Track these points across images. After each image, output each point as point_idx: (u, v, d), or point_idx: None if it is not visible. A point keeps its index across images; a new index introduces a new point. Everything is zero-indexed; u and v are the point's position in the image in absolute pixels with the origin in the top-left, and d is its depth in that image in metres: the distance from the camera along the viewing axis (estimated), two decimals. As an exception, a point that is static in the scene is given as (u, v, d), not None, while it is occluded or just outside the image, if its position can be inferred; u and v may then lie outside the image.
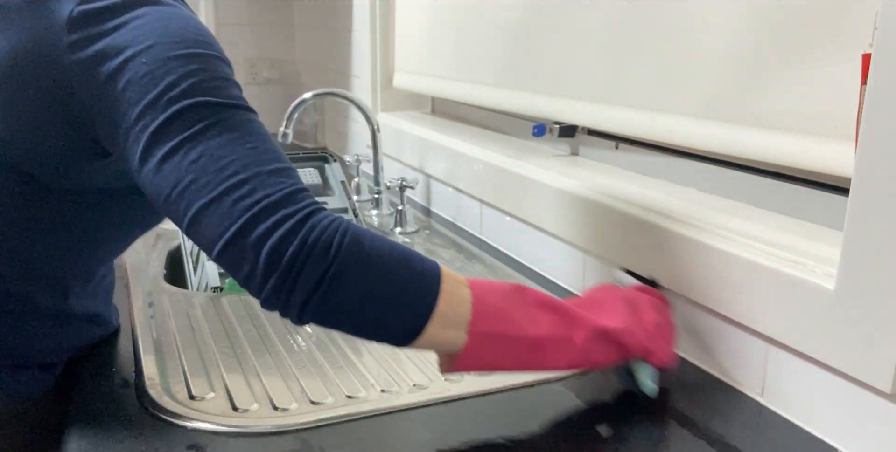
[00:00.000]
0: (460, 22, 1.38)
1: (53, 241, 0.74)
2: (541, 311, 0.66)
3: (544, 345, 0.65)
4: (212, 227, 0.60)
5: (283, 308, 0.60)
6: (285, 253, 0.58)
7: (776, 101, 0.76)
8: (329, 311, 0.60)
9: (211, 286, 1.12)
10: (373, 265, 0.60)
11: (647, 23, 0.93)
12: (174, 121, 0.62)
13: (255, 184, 0.60)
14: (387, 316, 0.61)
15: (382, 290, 0.60)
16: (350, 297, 0.60)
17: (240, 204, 0.60)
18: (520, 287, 0.67)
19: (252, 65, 2.40)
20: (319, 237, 0.59)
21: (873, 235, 0.58)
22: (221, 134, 0.62)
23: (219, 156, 0.61)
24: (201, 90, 0.63)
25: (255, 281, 0.59)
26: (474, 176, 1.24)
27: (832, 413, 0.66)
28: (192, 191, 0.61)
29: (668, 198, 0.92)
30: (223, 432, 0.67)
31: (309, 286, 0.58)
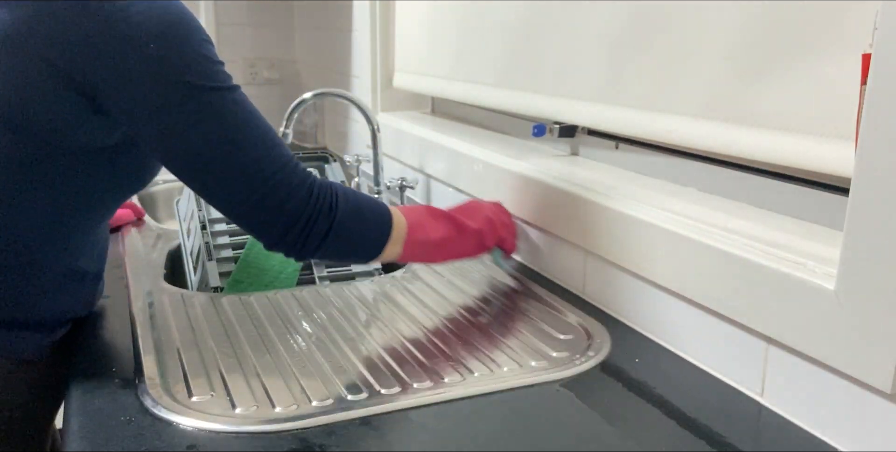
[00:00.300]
0: (460, 22, 1.38)
1: (59, 197, 0.80)
2: (441, 223, 0.97)
3: (444, 244, 0.97)
4: (232, 194, 0.78)
5: (298, 252, 0.83)
6: (301, 216, 0.80)
7: (776, 101, 0.76)
8: (331, 250, 0.85)
9: (211, 286, 1.12)
10: (356, 214, 0.85)
11: (646, 23, 0.93)
12: (185, 101, 0.73)
13: (265, 160, 0.78)
14: (364, 245, 0.88)
15: (363, 230, 0.87)
16: (345, 239, 0.85)
17: (257, 176, 0.77)
18: (429, 208, 0.98)
19: (252, 65, 2.40)
20: (322, 200, 0.82)
21: (873, 235, 0.58)
22: (228, 116, 0.76)
23: (228, 134, 0.76)
24: (203, 75, 0.74)
25: (274, 235, 0.81)
26: (474, 176, 1.24)
27: (832, 413, 0.66)
28: (213, 162, 0.76)
29: (667, 197, 0.92)
30: (223, 432, 0.67)
31: (320, 236, 0.83)
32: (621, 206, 0.89)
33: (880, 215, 0.58)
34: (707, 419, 0.70)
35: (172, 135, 0.74)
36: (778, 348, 0.71)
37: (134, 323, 0.91)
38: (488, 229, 1.02)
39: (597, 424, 0.69)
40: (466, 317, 0.94)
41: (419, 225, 0.94)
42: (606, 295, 0.96)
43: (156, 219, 1.66)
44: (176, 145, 0.75)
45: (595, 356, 0.83)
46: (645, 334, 0.89)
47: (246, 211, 0.79)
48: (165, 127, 0.74)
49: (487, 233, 1.02)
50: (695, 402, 0.73)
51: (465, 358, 0.83)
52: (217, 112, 0.75)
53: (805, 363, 0.68)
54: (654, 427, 0.69)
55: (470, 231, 1.00)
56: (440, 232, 0.96)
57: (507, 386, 0.76)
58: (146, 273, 1.10)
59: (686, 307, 0.82)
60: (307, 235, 0.81)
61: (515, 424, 0.69)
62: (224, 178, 0.77)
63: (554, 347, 0.86)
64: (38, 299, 0.83)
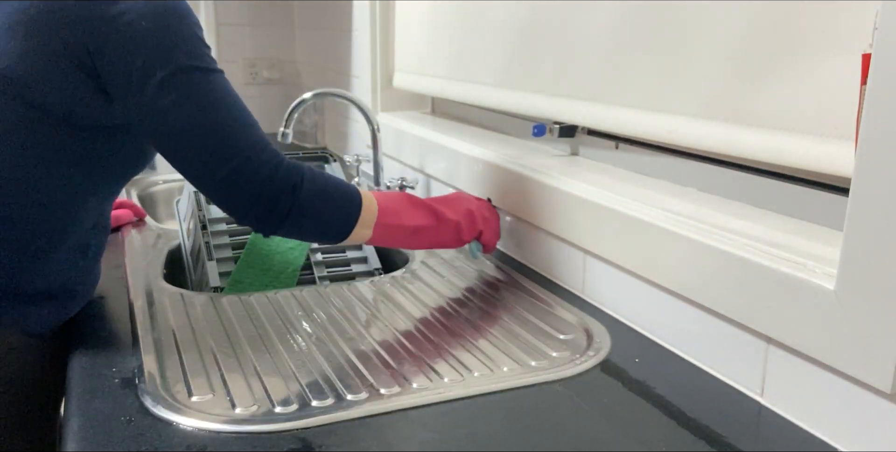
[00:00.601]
0: (460, 22, 1.38)
1: (65, 173, 0.85)
2: (419, 210, 1.01)
3: (419, 232, 1.01)
4: (207, 167, 0.83)
5: (263, 227, 0.88)
6: (265, 192, 0.85)
7: (776, 101, 0.76)
8: (294, 227, 0.89)
9: (211, 286, 1.12)
10: (321, 195, 0.89)
11: (647, 23, 0.93)
12: (174, 78, 0.80)
13: (239, 137, 0.83)
14: (330, 226, 0.92)
15: (328, 211, 0.90)
16: (308, 218, 0.89)
17: (230, 152, 0.82)
18: (409, 195, 1.02)
19: (252, 65, 2.40)
20: (287, 179, 0.86)
21: (873, 235, 0.58)
22: (212, 95, 0.82)
23: (212, 113, 0.82)
24: (193, 55, 0.82)
25: (240, 209, 0.86)
26: (474, 176, 1.24)
27: (832, 413, 0.66)
28: (193, 137, 0.81)
29: (667, 197, 0.92)
30: (223, 432, 0.67)
31: (283, 213, 0.86)
32: (621, 206, 0.89)
33: (880, 215, 0.58)
34: (707, 419, 0.70)
35: (156, 108, 0.80)
36: (778, 348, 0.71)
37: (134, 323, 0.91)
38: (467, 222, 1.06)
39: (597, 424, 0.69)
40: (466, 317, 0.94)
41: (393, 210, 0.97)
42: (606, 295, 0.96)
43: (156, 219, 1.66)
44: (159, 117, 0.81)
45: (595, 356, 0.83)
46: (645, 334, 0.89)
47: (215, 184, 0.84)
48: (150, 99, 0.80)
49: (465, 226, 1.06)
50: (695, 402, 0.73)
51: (464, 358, 0.83)
52: (200, 90, 0.81)
53: (805, 363, 0.68)
54: (654, 427, 0.69)
55: (448, 221, 1.03)
56: (415, 219, 0.99)
57: (507, 386, 0.76)
58: (146, 273, 1.10)
59: (686, 307, 0.82)
60: (270, 211, 0.85)
61: (515, 424, 0.69)
62: (199, 152, 0.82)
63: (554, 347, 0.86)
64: (50, 272, 0.87)
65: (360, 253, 1.24)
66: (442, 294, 1.03)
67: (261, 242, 1.18)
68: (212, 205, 1.26)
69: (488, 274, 1.11)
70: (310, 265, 1.21)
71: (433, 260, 1.18)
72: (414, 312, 0.96)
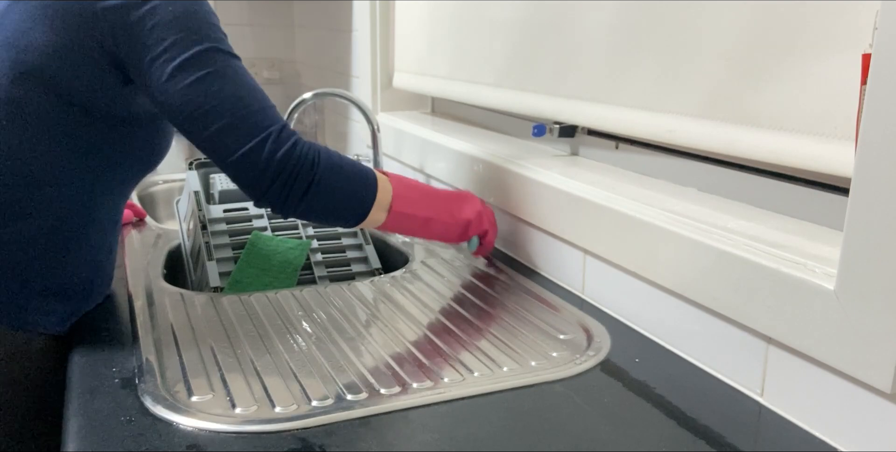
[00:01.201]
0: (460, 22, 1.38)
1: (85, 165, 0.87)
2: (434, 202, 1.03)
3: (431, 223, 1.03)
4: (230, 142, 0.85)
5: (282, 205, 0.89)
6: (285, 167, 0.87)
7: (776, 101, 0.76)
8: (314, 204, 0.90)
9: (211, 286, 1.12)
10: (339, 172, 0.91)
11: (647, 23, 0.93)
12: (198, 57, 0.83)
13: (261, 115, 0.86)
14: (349, 205, 0.93)
15: (346, 188, 0.92)
16: (327, 194, 0.91)
17: (253, 128, 0.85)
18: (419, 184, 1.03)
19: (252, 65, 2.40)
20: (306, 155, 0.88)
21: (873, 235, 0.58)
22: (234, 75, 0.85)
23: (235, 90, 0.85)
24: (214, 38, 0.85)
25: (261, 186, 0.87)
26: (474, 176, 1.24)
27: (832, 413, 0.66)
28: (217, 112, 0.84)
29: (667, 197, 0.92)
30: (223, 432, 0.67)
31: (302, 189, 0.88)
32: (621, 206, 0.89)
33: (880, 215, 0.58)
34: (707, 419, 0.70)
35: (183, 86, 0.83)
36: (778, 348, 0.71)
37: (134, 323, 0.91)
38: (476, 221, 1.08)
39: (597, 424, 0.69)
40: (466, 317, 0.94)
41: (408, 198, 0.99)
42: (606, 295, 0.96)
43: (156, 219, 1.66)
44: (184, 95, 0.83)
45: (595, 356, 0.83)
46: (645, 334, 0.89)
47: (236, 160, 0.85)
48: (177, 79, 0.83)
49: (474, 225, 1.08)
50: (695, 402, 0.73)
51: (464, 358, 0.83)
52: (223, 69, 0.84)
53: (805, 363, 0.68)
54: (654, 427, 0.69)
55: (461, 220, 1.06)
56: (429, 210, 1.02)
57: (507, 386, 0.76)
58: (146, 273, 1.10)
59: (686, 307, 0.82)
60: (290, 188, 0.87)
61: (515, 424, 0.69)
62: (223, 128, 0.84)
63: (554, 347, 0.86)
64: (70, 269, 0.89)
65: (360, 254, 1.24)
66: (442, 294, 1.03)
67: (261, 242, 1.18)
68: (212, 204, 1.26)
69: (488, 274, 1.11)
70: (310, 265, 1.21)
71: (433, 260, 1.18)
72: (414, 312, 0.96)
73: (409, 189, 1.00)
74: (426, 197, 1.03)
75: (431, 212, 1.02)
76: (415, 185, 1.02)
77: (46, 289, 0.88)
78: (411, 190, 1.01)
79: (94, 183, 0.89)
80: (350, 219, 0.95)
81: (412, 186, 1.01)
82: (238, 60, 0.88)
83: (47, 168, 0.84)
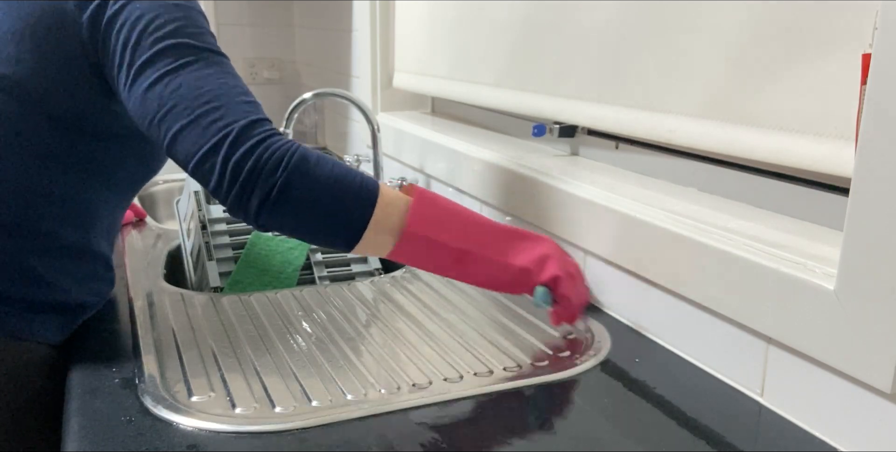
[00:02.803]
0: (460, 22, 1.38)
1: (77, 181, 0.84)
2: (474, 228, 0.80)
3: (467, 258, 0.80)
4: (188, 145, 0.74)
5: (244, 213, 0.75)
6: (244, 168, 0.73)
7: (776, 101, 0.76)
8: (279, 216, 0.74)
9: (211, 286, 1.12)
10: (315, 178, 0.74)
11: (647, 23, 0.93)
12: (159, 56, 0.76)
13: (224, 111, 0.74)
14: (330, 222, 0.76)
15: (323, 199, 0.74)
16: (296, 205, 0.74)
17: (212, 127, 0.74)
18: (459, 207, 0.82)
19: (252, 65, 2.40)
20: (272, 156, 0.73)
21: (873, 235, 0.58)
22: (199, 69, 0.76)
23: (196, 87, 0.75)
24: (183, 34, 0.77)
25: (222, 190, 0.74)
26: (474, 176, 1.24)
27: (832, 413, 0.66)
28: (173, 114, 0.74)
29: (667, 197, 0.92)
30: (223, 432, 0.67)
31: (262, 194, 0.73)
32: (621, 206, 0.89)
33: (880, 215, 0.58)
34: (707, 419, 0.70)
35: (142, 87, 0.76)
36: (778, 348, 0.71)
37: (134, 323, 0.91)
38: (537, 266, 0.83)
39: (597, 424, 0.69)
40: (466, 317, 0.94)
41: (434, 219, 0.79)
42: (606, 295, 0.96)
43: (156, 219, 1.66)
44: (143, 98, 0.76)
45: (595, 356, 0.83)
46: (645, 334, 0.89)
47: (194, 165, 0.75)
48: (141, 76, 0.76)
49: (535, 271, 0.83)
50: (695, 402, 0.73)
51: (464, 358, 0.83)
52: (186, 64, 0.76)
53: (805, 363, 0.68)
54: (654, 427, 0.69)
55: (515, 262, 0.82)
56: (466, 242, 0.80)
57: (506, 386, 0.76)
58: (146, 273, 1.10)
59: (686, 307, 0.82)
60: (251, 192, 0.73)
61: (515, 424, 0.69)
62: (180, 130, 0.74)
63: (554, 347, 0.86)
64: (60, 281, 0.85)
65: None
66: (442, 294, 1.03)
67: (261, 242, 1.18)
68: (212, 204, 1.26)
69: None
70: (310, 265, 1.21)
71: (433, 260, 1.18)
72: (414, 312, 0.96)
73: (441, 211, 0.80)
74: (470, 225, 0.80)
75: (471, 243, 0.80)
76: (454, 209, 0.81)
77: (38, 303, 0.84)
78: (444, 213, 0.80)
79: (86, 197, 0.85)
80: (336, 239, 0.77)
81: (448, 210, 0.81)
82: (215, 55, 0.78)
83: (33, 183, 0.81)
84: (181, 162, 0.76)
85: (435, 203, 0.80)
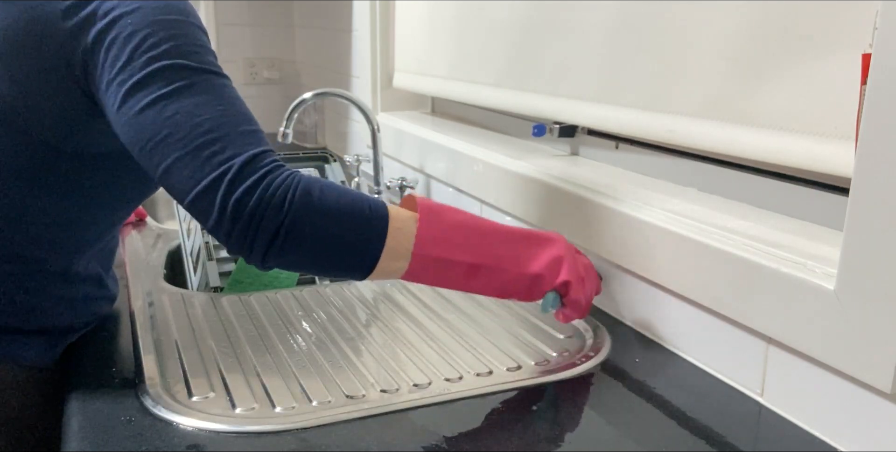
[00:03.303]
0: (460, 22, 1.38)
1: (61, 203, 0.78)
2: (483, 238, 0.77)
3: (480, 272, 0.77)
4: (184, 179, 0.68)
5: (248, 254, 0.69)
6: (246, 207, 0.67)
7: (776, 101, 0.76)
8: (288, 255, 0.69)
9: (211, 286, 1.12)
10: (323, 213, 0.69)
11: (647, 23, 0.93)
12: (152, 78, 0.69)
13: (225, 142, 0.68)
14: (342, 256, 0.71)
15: (334, 235, 0.70)
16: (305, 243, 0.69)
17: (211, 160, 0.67)
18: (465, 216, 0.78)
19: (252, 65, 2.40)
20: (275, 192, 0.68)
21: (873, 235, 0.58)
22: (196, 94, 0.69)
23: (193, 115, 0.68)
24: (179, 53, 0.70)
25: (222, 229, 0.68)
26: (474, 176, 1.24)
27: (832, 413, 0.66)
28: (168, 144, 0.68)
29: (667, 197, 0.92)
30: (223, 432, 0.67)
31: (268, 235, 0.68)
32: (621, 206, 0.89)
33: (880, 215, 0.58)
34: (707, 419, 0.70)
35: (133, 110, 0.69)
36: (778, 348, 0.71)
37: (134, 323, 0.91)
38: (550, 271, 0.80)
39: (597, 424, 0.69)
40: (466, 317, 0.94)
41: (440, 238, 0.75)
42: (606, 295, 0.96)
43: (156, 219, 1.66)
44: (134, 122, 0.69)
45: (595, 356, 0.83)
46: (645, 334, 0.89)
47: (190, 202, 0.69)
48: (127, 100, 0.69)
49: (548, 276, 0.80)
50: (695, 402, 0.73)
51: (464, 358, 0.83)
52: (183, 88, 0.69)
53: (805, 363, 0.68)
54: (654, 427, 0.69)
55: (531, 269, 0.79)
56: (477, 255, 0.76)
57: (506, 386, 0.76)
58: (146, 273, 1.10)
59: (686, 307, 0.82)
60: (255, 234, 0.68)
61: (515, 424, 0.69)
62: (175, 163, 0.68)
63: (554, 347, 0.86)
64: (45, 306, 0.82)
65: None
66: (442, 294, 1.03)
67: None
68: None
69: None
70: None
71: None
72: (414, 312, 0.96)
73: (447, 226, 0.76)
74: (476, 236, 0.77)
75: (481, 256, 0.76)
76: (458, 221, 0.77)
77: (22, 328, 0.81)
78: (450, 228, 0.76)
79: (67, 217, 0.80)
80: (350, 271, 0.73)
81: (453, 223, 0.76)
82: (214, 76, 0.71)
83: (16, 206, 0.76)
84: (175, 196, 0.70)
85: (441, 218, 0.76)
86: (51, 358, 0.84)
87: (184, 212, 1.30)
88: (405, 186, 1.45)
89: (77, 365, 0.80)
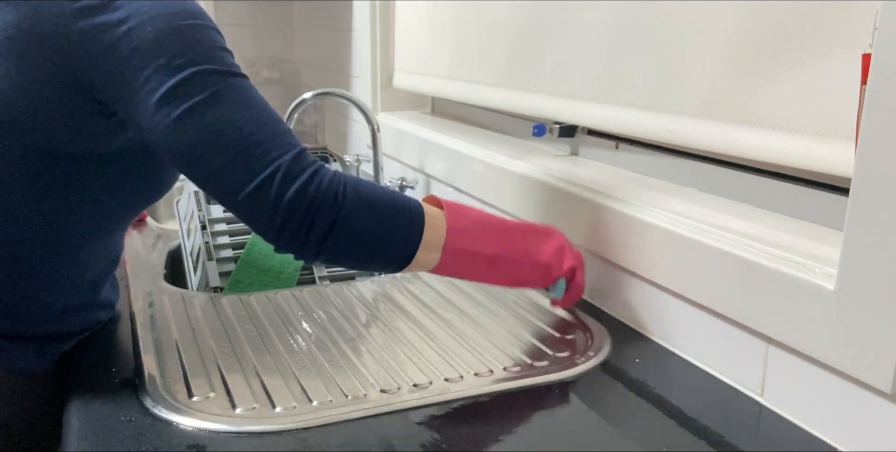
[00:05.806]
0: (460, 22, 1.38)
1: (62, 205, 0.78)
2: (500, 233, 0.84)
3: (499, 262, 0.83)
4: (232, 182, 0.71)
5: (301, 247, 0.73)
6: (301, 203, 0.71)
7: (776, 101, 0.76)
8: (339, 248, 0.73)
9: (211, 286, 1.12)
10: (370, 208, 0.74)
11: (647, 23, 0.93)
12: (184, 85, 0.70)
13: (268, 145, 0.71)
14: (386, 248, 0.76)
15: (381, 228, 0.75)
16: (355, 236, 0.73)
17: (259, 162, 0.70)
18: (481, 213, 0.85)
19: (252, 65, 2.40)
20: (328, 188, 0.72)
21: (873, 235, 0.58)
22: (229, 99, 0.72)
23: (232, 119, 0.71)
24: (205, 58, 0.72)
25: (273, 229, 0.72)
26: (474, 176, 1.24)
27: (832, 413, 0.66)
28: (212, 149, 0.70)
29: (667, 197, 0.92)
30: (223, 432, 0.67)
31: (322, 229, 0.72)
32: (621, 206, 0.89)
33: (880, 215, 0.58)
34: (707, 419, 0.70)
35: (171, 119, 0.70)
36: (778, 348, 0.71)
37: (134, 323, 0.91)
38: (557, 259, 0.88)
39: (597, 424, 0.69)
40: (466, 317, 0.94)
41: (466, 231, 0.81)
42: (606, 295, 0.96)
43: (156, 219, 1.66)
44: (174, 130, 0.70)
45: (595, 356, 0.83)
46: (645, 334, 0.89)
47: (241, 202, 0.71)
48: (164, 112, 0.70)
49: (556, 264, 0.88)
50: (695, 402, 0.73)
51: (464, 358, 0.83)
52: (217, 94, 0.71)
53: (805, 363, 0.68)
54: (654, 427, 0.69)
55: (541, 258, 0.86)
56: (496, 247, 0.83)
57: (506, 387, 0.76)
58: (146, 273, 1.10)
59: (686, 307, 0.82)
60: (309, 228, 0.71)
61: (515, 424, 0.69)
62: (222, 166, 0.71)
63: (554, 347, 0.86)
64: (36, 313, 0.81)
65: (360, 253, 1.24)
66: (442, 293, 1.03)
67: (261, 242, 1.18)
68: (212, 204, 1.26)
69: (488, 274, 1.11)
70: (310, 265, 1.21)
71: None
72: (414, 312, 0.96)
73: (470, 221, 0.82)
74: (492, 230, 0.84)
75: (499, 247, 0.83)
76: (477, 217, 0.84)
77: (14, 333, 0.80)
78: (473, 223, 0.82)
79: (66, 222, 0.79)
80: (391, 263, 0.77)
81: (474, 218, 0.83)
82: (240, 79, 0.74)
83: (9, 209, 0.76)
84: (222, 199, 0.73)
85: (465, 214, 0.82)
86: (42, 366, 0.83)
87: (184, 211, 1.30)
88: (405, 186, 1.45)
89: (77, 365, 0.80)
